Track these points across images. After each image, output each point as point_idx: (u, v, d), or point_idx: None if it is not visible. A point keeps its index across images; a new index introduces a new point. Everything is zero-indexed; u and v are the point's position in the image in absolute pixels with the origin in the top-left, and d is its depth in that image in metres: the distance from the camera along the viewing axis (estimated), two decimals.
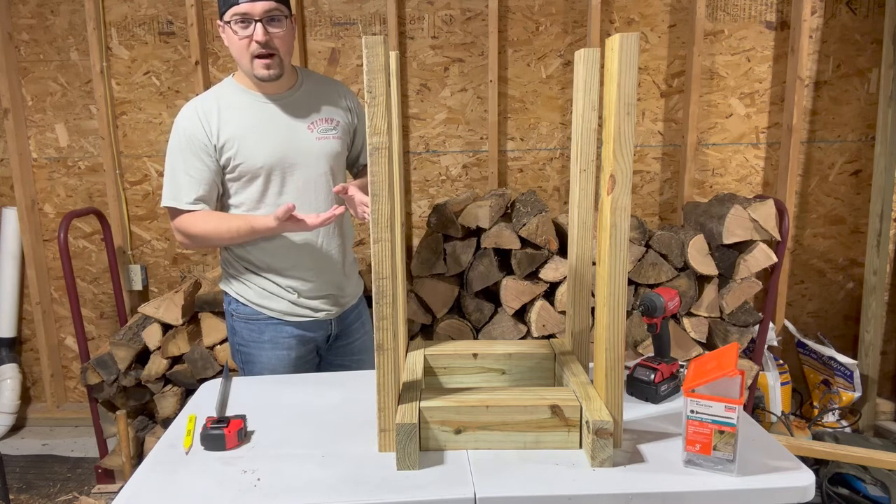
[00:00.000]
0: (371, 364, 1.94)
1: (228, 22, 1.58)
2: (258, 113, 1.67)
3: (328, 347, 1.86)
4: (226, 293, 1.80)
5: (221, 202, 1.73)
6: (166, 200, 1.66)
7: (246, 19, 1.56)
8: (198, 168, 1.63)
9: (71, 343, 3.10)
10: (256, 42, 1.57)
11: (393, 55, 1.27)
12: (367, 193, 1.63)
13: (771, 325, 2.65)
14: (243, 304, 1.75)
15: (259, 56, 1.59)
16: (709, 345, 2.50)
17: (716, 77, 2.79)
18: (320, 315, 1.78)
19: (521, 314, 2.45)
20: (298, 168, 1.68)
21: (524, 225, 2.36)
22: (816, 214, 2.90)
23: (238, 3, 1.54)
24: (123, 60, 2.84)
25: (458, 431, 1.17)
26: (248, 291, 1.74)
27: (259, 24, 1.56)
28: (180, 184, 1.64)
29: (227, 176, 1.67)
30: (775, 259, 2.47)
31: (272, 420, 1.32)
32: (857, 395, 2.72)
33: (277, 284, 1.73)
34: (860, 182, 2.87)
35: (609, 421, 1.10)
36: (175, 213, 1.66)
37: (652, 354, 1.47)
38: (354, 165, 1.90)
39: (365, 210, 1.56)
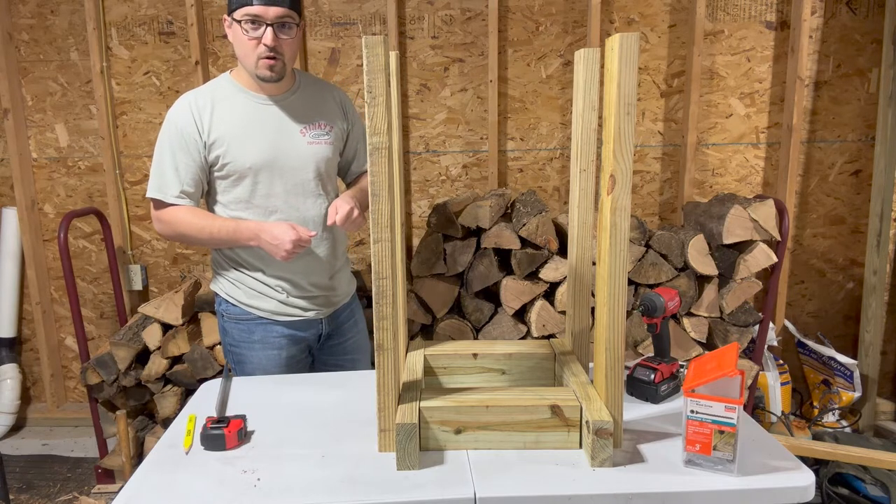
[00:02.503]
0: (365, 363, 1.96)
1: (238, 21, 1.58)
2: (252, 113, 1.66)
3: (320, 347, 1.86)
4: (216, 294, 1.80)
5: (210, 200, 1.73)
6: (152, 192, 1.66)
7: (257, 21, 1.57)
8: (186, 163, 1.63)
9: (71, 343, 3.10)
10: (265, 45, 1.57)
11: (393, 55, 1.27)
12: (355, 202, 1.65)
13: (771, 325, 2.65)
14: (233, 305, 1.75)
15: (264, 57, 1.59)
16: (709, 345, 2.50)
17: (716, 77, 2.79)
18: (310, 314, 1.77)
19: (521, 314, 2.45)
20: (287, 171, 1.68)
21: (524, 225, 2.36)
22: (816, 214, 2.90)
23: (251, 4, 1.55)
24: (123, 60, 2.84)
25: (458, 431, 1.17)
26: (237, 291, 1.74)
27: (270, 29, 1.57)
28: (167, 176, 1.64)
29: (216, 174, 1.67)
30: (775, 259, 2.47)
31: (272, 420, 1.32)
32: (857, 395, 2.72)
33: (266, 284, 1.72)
34: (860, 182, 2.87)
35: (609, 421, 1.10)
36: (159, 204, 1.67)
37: (652, 354, 1.47)
38: (347, 173, 1.89)
39: (335, 214, 1.58)
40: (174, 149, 1.63)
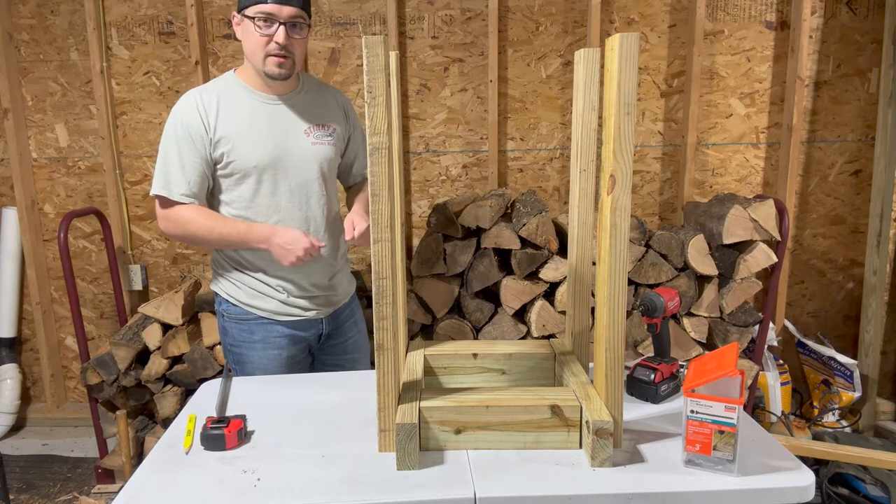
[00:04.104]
0: (365, 363, 1.96)
1: (251, 17, 1.59)
2: (257, 112, 1.67)
3: (321, 347, 1.86)
4: (216, 294, 1.79)
5: (212, 199, 1.73)
6: (157, 189, 1.65)
7: (270, 19, 1.58)
8: (192, 159, 1.63)
9: (71, 343, 3.10)
10: (276, 43, 1.58)
11: (393, 55, 1.27)
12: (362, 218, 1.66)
13: (771, 325, 2.64)
14: (233, 305, 1.75)
15: (274, 55, 1.60)
16: (709, 345, 2.50)
17: (716, 77, 2.79)
18: (311, 314, 1.78)
19: (521, 314, 2.45)
20: (291, 171, 1.68)
21: (524, 225, 2.36)
22: (816, 214, 2.90)
23: (266, 3, 1.56)
24: (123, 60, 2.84)
25: (458, 431, 1.17)
26: (238, 291, 1.74)
27: (282, 27, 1.58)
28: (173, 173, 1.64)
29: (219, 172, 1.67)
30: (775, 259, 2.47)
31: (272, 420, 1.32)
32: (857, 395, 2.72)
33: (267, 284, 1.73)
34: (860, 182, 2.87)
35: (609, 421, 1.10)
36: (164, 202, 1.66)
37: (652, 354, 1.47)
38: (349, 177, 1.90)
39: (353, 232, 1.61)
40: (180, 145, 1.63)
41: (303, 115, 1.71)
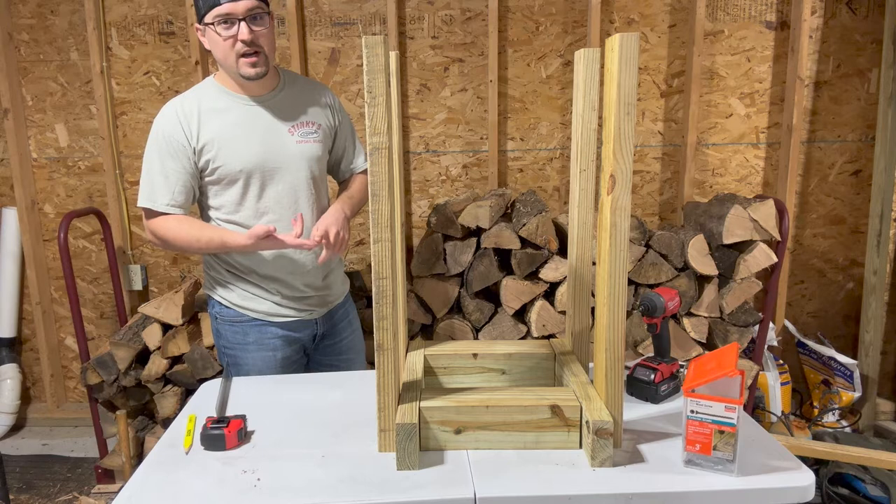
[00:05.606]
0: (361, 363, 1.96)
1: (210, 23, 1.56)
2: (239, 115, 1.65)
3: (315, 347, 1.86)
4: (209, 297, 1.79)
5: (201, 204, 1.72)
6: (142, 201, 1.65)
7: (229, 19, 1.55)
8: (175, 170, 1.62)
9: (71, 343, 3.10)
10: (241, 41, 1.56)
11: (393, 55, 1.27)
12: (347, 207, 1.65)
13: (771, 325, 2.65)
14: (227, 307, 1.74)
15: (244, 55, 1.58)
16: (709, 345, 2.50)
17: (716, 77, 2.79)
18: (305, 315, 1.77)
19: (521, 314, 2.45)
20: (279, 172, 1.67)
21: (524, 225, 2.36)
22: (816, 214, 2.90)
23: (220, 4, 1.54)
24: (123, 60, 2.84)
25: (458, 431, 1.17)
26: (231, 294, 1.73)
27: (243, 23, 1.55)
28: (156, 185, 1.63)
29: (206, 178, 1.66)
30: (775, 259, 2.47)
31: (272, 420, 1.32)
32: (857, 395, 2.72)
33: (260, 286, 1.72)
34: (860, 182, 2.87)
35: (609, 421, 1.10)
36: (150, 213, 1.65)
37: (652, 354, 1.47)
38: (338, 172, 1.88)
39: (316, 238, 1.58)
40: (163, 156, 1.62)
41: (285, 113, 1.69)
